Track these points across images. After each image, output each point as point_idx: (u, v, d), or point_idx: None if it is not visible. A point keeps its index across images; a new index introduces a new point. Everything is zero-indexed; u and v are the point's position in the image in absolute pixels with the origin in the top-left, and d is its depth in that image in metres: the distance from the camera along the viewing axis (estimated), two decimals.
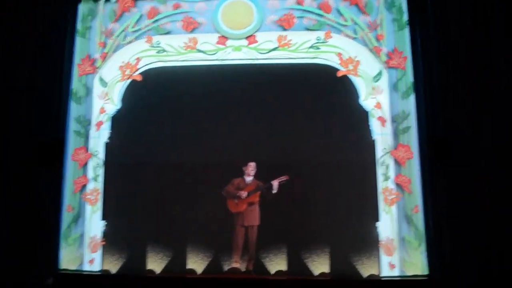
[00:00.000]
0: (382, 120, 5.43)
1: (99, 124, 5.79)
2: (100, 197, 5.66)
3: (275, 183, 5.38)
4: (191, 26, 5.85)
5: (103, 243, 5.53)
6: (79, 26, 5.99)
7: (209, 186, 5.53)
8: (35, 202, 5.38)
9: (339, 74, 5.60)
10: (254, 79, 5.69)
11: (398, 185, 5.33)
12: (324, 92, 5.61)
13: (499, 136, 4.90)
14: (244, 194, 5.41)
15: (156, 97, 5.81)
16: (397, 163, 5.37)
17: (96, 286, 5.45)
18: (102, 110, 5.81)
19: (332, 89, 5.61)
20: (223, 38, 5.85)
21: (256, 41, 5.75)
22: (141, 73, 5.87)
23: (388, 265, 5.23)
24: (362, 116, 5.55)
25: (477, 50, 5.08)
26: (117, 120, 5.82)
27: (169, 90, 5.80)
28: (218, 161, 5.56)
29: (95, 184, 5.68)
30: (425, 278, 5.08)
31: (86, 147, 5.76)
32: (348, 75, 5.60)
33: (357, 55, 5.60)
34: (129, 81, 5.83)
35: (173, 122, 5.72)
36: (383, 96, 5.50)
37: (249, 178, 5.49)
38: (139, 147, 5.72)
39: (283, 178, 5.39)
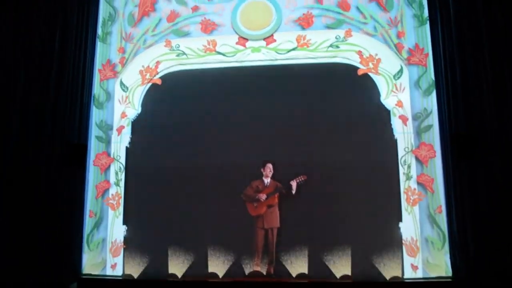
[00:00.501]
0: (403, 118, 5.81)
1: (120, 128, 6.38)
2: (121, 202, 6.23)
3: (294, 184, 5.82)
4: (210, 28, 6.41)
5: (124, 246, 6.04)
6: (99, 31, 6.62)
7: (229, 189, 6.03)
8: (58, 206, 5.95)
9: (360, 72, 6.02)
10: (274, 80, 6.19)
11: (421, 185, 5.69)
12: (345, 91, 6.05)
13: None
14: (263, 196, 5.89)
15: (176, 101, 6.36)
16: (420, 162, 5.74)
17: None
18: (123, 115, 6.40)
19: (353, 88, 6.04)
20: (243, 39, 6.37)
21: (274, 41, 6.22)
22: (161, 77, 6.39)
23: (411, 267, 5.58)
24: (384, 114, 5.92)
25: (499, 45, 5.33)
26: (138, 124, 6.39)
27: (188, 93, 6.33)
28: (237, 163, 6.06)
29: (117, 189, 6.26)
30: (450, 280, 5.40)
31: (107, 152, 6.35)
32: (369, 73, 5.96)
33: (378, 53, 6.03)
34: (149, 85, 6.35)
35: (193, 125, 6.24)
36: (404, 94, 5.86)
37: (267, 180, 5.94)
38: (159, 151, 6.28)
39: (301, 178, 5.82)
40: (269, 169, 5.93)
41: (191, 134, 6.27)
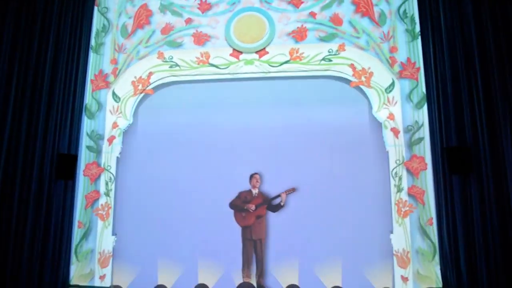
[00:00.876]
0: (395, 131, 6.27)
1: (111, 139, 6.80)
2: (111, 212, 6.61)
3: (283, 195, 6.27)
4: (203, 40, 6.89)
5: (111, 256, 6.41)
6: (93, 42, 7.11)
7: (220, 200, 6.46)
8: (46, 217, 6.28)
9: (352, 85, 6.50)
10: (265, 92, 6.68)
11: (412, 196, 6.13)
12: (337, 104, 6.54)
13: None
14: (252, 207, 6.32)
15: (168, 112, 6.79)
16: (411, 174, 6.18)
17: None
18: (115, 125, 6.83)
19: (345, 101, 6.53)
20: (237, 52, 6.87)
21: (267, 53, 6.75)
22: (153, 88, 6.89)
23: (401, 279, 5.97)
24: (376, 127, 6.41)
25: (490, 60, 5.72)
26: (129, 134, 6.83)
27: (180, 104, 6.79)
28: (228, 174, 6.51)
29: (107, 199, 6.64)
30: None
31: (97, 162, 6.76)
32: (361, 86, 6.46)
33: (370, 67, 6.53)
34: (141, 95, 6.81)
35: (184, 136, 6.70)
36: (396, 107, 6.36)
37: (255, 191, 6.40)
38: (150, 162, 6.71)
39: (291, 190, 6.27)
40: (255, 180, 6.37)
41: (182, 145, 6.71)
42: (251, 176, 6.39)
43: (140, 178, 6.72)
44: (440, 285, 5.81)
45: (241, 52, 6.82)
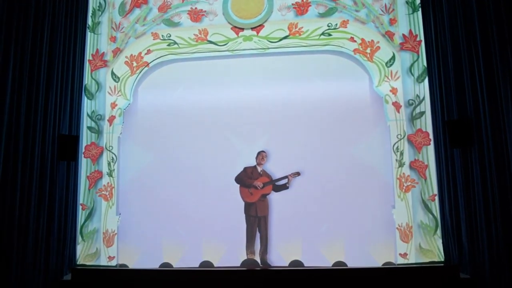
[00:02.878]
0: (396, 105, 6.29)
1: (112, 119, 6.85)
2: (114, 192, 6.69)
3: (290, 177, 6.37)
4: (201, 16, 6.85)
5: (116, 235, 6.54)
6: (89, 21, 7.08)
7: (223, 177, 6.55)
8: (51, 198, 6.35)
9: (356, 52, 6.53)
10: (265, 68, 6.69)
11: (414, 170, 6.19)
12: (337, 78, 6.57)
13: None
14: (260, 184, 6.40)
15: (168, 90, 6.81)
16: (413, 147, 6.24)
17: (113, 280, 6.27)
18: (115, 105, 6.85)
19: (345, 75, 6.51)
20: (237, 29, 6.83)
21: (264, 27, 6.75)
22: (152, 66, 6.94)
23: (404, 252, 6.06)
24: (377, 101, 6.43)
25: (491, 33, 5.60)
26: (129, 114, 6.86)
27: (180, 82, 6.80)
28: (230, 151, 6.60)
29: (110, 179, 6.72)
30: (442, 265, 5.89)
31: (96, 143, 6.85)
32: (362, 60, 6.44)
33: (373, 40, 6.49)
34: (140, 74, 6.81)
35: (185, 113, 6.75)
36: (396, 81, 6.37)
37: (260, 168, 6.47)
38: (152, 141, 6.77)
39: (296, 173, 6.38)
40: (261, 157, 6.44)
41: (183, 123, 6.77)
42: (258, 153, 6.45)
43: (142, 157, 6.79)
44: (442, 258, 5.90)
45: (241, 29, 6.75)
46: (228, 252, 6.33)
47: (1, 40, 6.05)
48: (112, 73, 6.86)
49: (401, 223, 6.04)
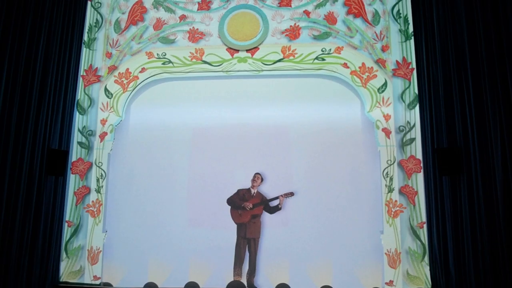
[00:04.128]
0: (387, 131, 6.36)
1: (103, 135, 6.84)
2: (102, 209, 6.65)
3: (281, 198, 6.39)
4: (197, 38, 6.94)
5: (101, 253, 6.48)
6: (85, 37, 7.13)
7: (213, 197, 6.54)
8: (37, 213, 6.31)
9: (351, 73, 6.64)
10: (258, 90, 6.77)
11: (403, 196, 6.24)
12: (329, 103, 6.66)
13: (505, 148, 5.43)
14: (249, 205, 6.41)
15: (160, 109, 6.85)
16: (404, 173, 6.29)
17: None
18: (107, 121, 6.86)
19: (338, 100, 6.65)
20: (231, 50, 6.91)
21: (259, 50, 6.84)
22: (145, 84, 7.00)
23: (390, 280, 6.07)
24: (368, 127, 6.51)
25: (481, 62, 5.74)
26: (121, 131, 6.88)
27: (173, 101, 6.85)
28: (222, 171, 6.60)
29: (98, 196, 6.68)
30: None
31: (83, 158, 6.82)
32: (354, 86, 6.55)
33: (373, 67, 6.64)
34: (133, 92, 6.86)
35: (176, 134, 6.78)
36: (388, 107, 6.47)
37: (254, 190, 6.49)
38: (142, 158, 6.77)
39: (289, 194, 6.40)
40: (257, 180, 6.48)
41: (174, 142, 6.79)
42: (254, 176, 6.53)
43: (131, 175, 6.78)
44: (429, 286, 5.91)
45: (236, 50, 6.84)
46: (215, 273, 6.28)
47: None
48: (106, 90, 6.90)
49: (389, 249, 6.05)
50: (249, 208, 6.35)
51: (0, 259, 5.91)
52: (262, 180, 6.51)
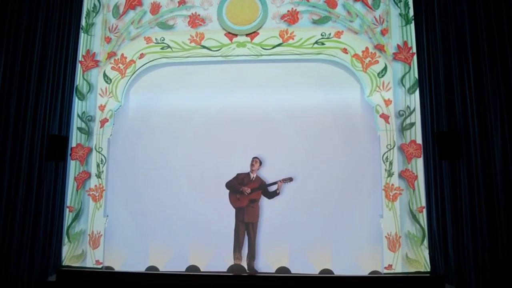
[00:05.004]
0: (386, 116, 6.37)
1: (104, 121, 6.87)
2: (104, 194, 6.68)
3: (280, 183, 6.40)
4: (196, 23, 6.91)
5: (102, 237, 6.54)
6: (83, 22, 7.11)
7: (213, 182, 6.57)
8: (38, 199, 6.33)
9: (354, 57, 6.63)
10: (257, 75, 6.77)
11: (403, 179, 6.28)
12: (329, 87, 6.67)
13: (505, 132, 5.38)
14: (247, 190, 6.43)
15: (159, 94, 6.86)
16: (404, 157, 6.33)
17: (98, 282, 6.35)
18: (106, 107, 6.86)
19: (337, 84, 6.64)
20: (231, 35, 6.88)
21: (260, 37, 6.80)
22: (145, 69, 6.96)
23: (389, 264, 6.14)
24: (367, 111, 6.52)
25: (482, 46, 5.67)
26: (120, 116, 6.88)
27: (172, 86, 6.86)
28: (220, 156, 6.62)
29: (99, 181, 6.71)
30: (427, 275, 5.97)
31: (82, 144, 6.86)
32: (354, 70, 6.58)
33: (376, 52, 6.63)
34: (132, 77, 6.84)
35: (176, 117, 6.80)
36: (388, 92, 6.47)
37: (253, 175, 6.51)
38: (142, 143, 6.80)
39: (288, 179, 6.40)
40: (255, 164, 6.48)
41: (173, 127, 6.81)
42: (252, 160, 6.52)
43: (131, 160, 6.80)
44: (428, 269, 5.97)
45: (235, 35, 6.80)
46: (215, 257, 6.34)
47: None
48: (104, 75, 6.89)
49: (389, 232, 6.08)
50: (247, 193, 6.33)
51: (2, 244, 5.93)
52: (260, 164, 6.49)
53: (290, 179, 6.39)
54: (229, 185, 6.46)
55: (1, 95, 6.11)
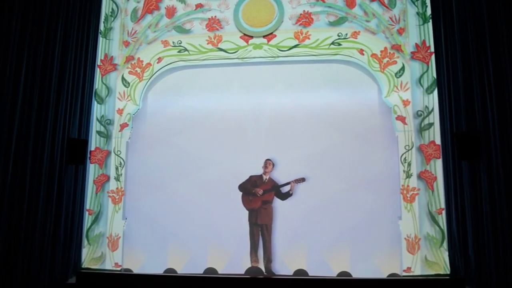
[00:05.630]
0: (404, 116, 6.30)
1: (123, 125, 6.95)
2: (123, 197, 6.76)
3: (292, 184, 6.38)
4: (213, 27, 6.98)
5: (121, 239, 6.61)
6: (101, 26, 7.21)
7: (229, 184, 6.57)
8: (58, 202, 6.41)
9: (372, 56, 6.59)
10: (274, 76, 6.76)
11: (422, 180, 6.21)
12: (346, 88, 6.61)
13: None
14: (260, 191, 6.43)
15: (177, 97, 6.90)
16: (423, 157, 6.26)
17: (117, 284, 6.40)
18: (124, 110, 6.94)
19: (355, 85, 6.60)
20: (247, 36, 6.90)
21: (275, 36, 6.82)
22: (162, 72, 7.03)
23: (408, 267, 6.06)
24: (385, 112, 6.45)
25: (501, 44, 5.60)
26: (138, 119, 6.95)
27: (189, 89, 6.89)
28: (237, 158, 6.62)
29: (118, 184, 6.78)
30: (447, 277, 5.87)
31: (100, 147, 6.95)
32: (371, 71, 6.51)
33: (392, 53, 6.57)
34: (150, 80, 6.90)
35: (193, 120, 6.83)
36: (406, 92, 6.41)
37: (266, 176, 6.50)
38: (160, 147, 6.84)
39: (300, 179, 6.37)
40: (268, 166, 6.46)
41: (191, 130, 6.84)
42: (265, 162, 6.51)
43: (150, 162, 6.84)
44: (448, 271, 5.87)
45: (250, 37, 6.81)
46: (233, 260, 6.34)
47: (15, 43, 6.16)
48: (123, 79, 6.96)
49: (409, 234, 6.04)
50: (260, 194, 6.31)
51: (24, 247, 6.02)
52: (273, 166, 6.47)
53: (303, 180, 6.36)
54: (242, 187, 6.46)
55: (23, 100, 6.19)
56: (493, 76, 5.55)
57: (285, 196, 6.37)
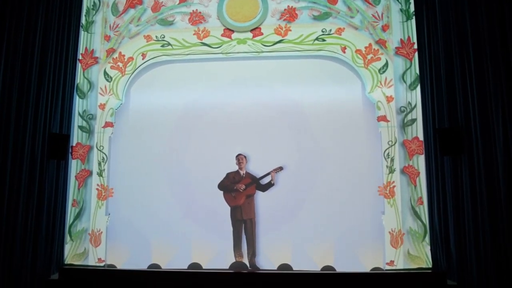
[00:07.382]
0: (388, 112, 6.37)
1: (109, 124, 6.90)
2: (106, 192, 6.69)
3: (273, 174, 6.42)
4: (196, 21, 6.90)
5: (104, 235, 6.58)
6: (83, 20, 7.11)
7: (212, 180, 6.58)
8: (40, 197, 6.35)
9: (356, 52, 6.64)
10: (258, 71, 6.78)
11: (406, 175, 6.31)
12: (329, 83, 6.65)
13: (507, 128, 5.39)
14: (241, 186, 6.45)
15: (159, 91, 6.88)
16: (406, 153, 6.36)
17: (101, 280, 6.31)
18: (107, 105, 6.89)
19: (338, 81, 6.63)
20: (229, 31, 6.88)
21: (262, 34, 6.80)
22: (145, 67, 6.97)
23: (391, 260, 6.17)
24: (368, 108, 6.51)
25: (483, 41, 5.67)
26: (121, 114, 6.90)
27: (172, 84, 6.88)
28: (220, 154, 6.62)
29: (101, 179, 6.73)
30: (429, 271, 5.99)
31: (82, 142, 6.88)
32: (354, 67, 6.56)
33: (375, 48, 6.61)
34: (132, 75, 6.84)
35: (175, 116, 6.82)
36: (389, 88, 6.48)
37: (242, 171, 6.53)
38: (142, 141, 6.81)
39: (278, 168, 6.43)
40: (239, 160, 6.52)
41: (174, 125, 6.82)
42: (237, 157, 6.51)
43: (133, 158, 6.81)
44: (430, 265, 5.99)
45: (233, 31, 6.80)
46: (217, 255, 6.37)
47: None
48: (105, 73, 6.89)
49: (393, 229, 6.12)
50: (242, 190, 6.33)
51: (5, 243, 5.97)
52: (246, 159, 6.53)
53: (281, 168, 6.42)
54: (221, 185, 6.49)
55: (2, 94, 6.10)
56: (475, 73, 5.64)
57: (266, 187, 6.43)
